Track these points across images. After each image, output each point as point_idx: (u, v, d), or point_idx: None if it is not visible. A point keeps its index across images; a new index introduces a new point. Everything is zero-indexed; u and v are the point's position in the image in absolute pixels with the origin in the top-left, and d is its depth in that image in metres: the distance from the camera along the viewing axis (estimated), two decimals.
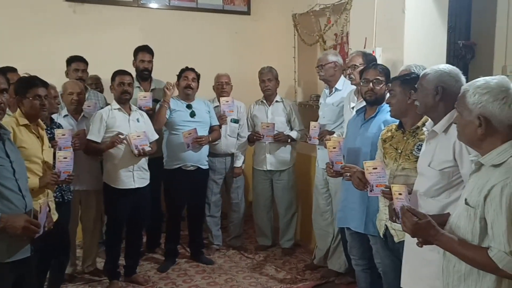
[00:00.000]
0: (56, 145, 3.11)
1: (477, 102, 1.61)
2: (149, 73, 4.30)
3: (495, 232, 1.53)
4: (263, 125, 4.23)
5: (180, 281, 3.89)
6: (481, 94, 1.61)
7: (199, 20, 5.20)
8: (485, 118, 1.61)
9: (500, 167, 1.57)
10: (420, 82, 2.14)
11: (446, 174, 2.03)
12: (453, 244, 1.63)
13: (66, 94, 3.65)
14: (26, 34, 4.35)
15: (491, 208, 1.53)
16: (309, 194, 4.26)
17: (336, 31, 4.41)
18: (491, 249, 1.53)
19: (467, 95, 1.65)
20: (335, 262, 3.90)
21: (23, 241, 2.18)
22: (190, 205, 4.22)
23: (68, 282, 3.77)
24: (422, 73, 2.17)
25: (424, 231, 1.68)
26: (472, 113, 1.63)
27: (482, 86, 1.62)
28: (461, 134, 1.72)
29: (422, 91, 2.12)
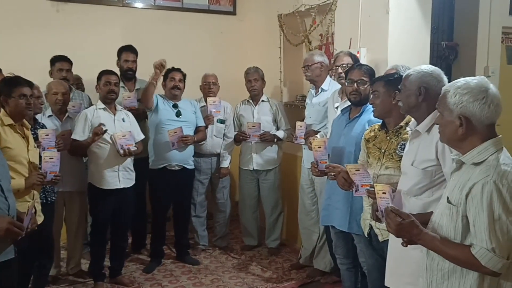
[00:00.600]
0: (40, 145, 3.08)
1: (458, 102, 1.64)
2: (133, 73, 4.28)
3: (477, 229, 1.55)
4: (249, 124, 4.24)
5: (166, 281, 3.87)
6: (462, 95, 1.63)
7: (184, 20, 5.18)
8: (465, 118, 1.63)
9: (481, 165, 1.60)
10: (403, 82, 2.17)
11: (428, 173, 2.06)
12: (436, 242, 1.66)
13: (51, 94, 3.61)
14: (8, 33, 4.29)
15: (473, 206, 1.56)
16: (295, 194, 4.27)
17: (321, 31, 4.42)
18: (473, 246, 1.56)
19: (448, 96, 1.67)
20: (321, 261, 3.92)
21: (5, 243, 2.15)
22: (176, 205, 4.21)
23: (52, 284, 3.73)
24: (405, 73, 2.20)
25: (408, 231, 1.71)
26: (453, 113, 1.65)
27: (463, 86, 1.65)
28: (442, 134, 1.75)
29: (405, 92, 2.15)
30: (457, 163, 1.71)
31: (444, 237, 1.66)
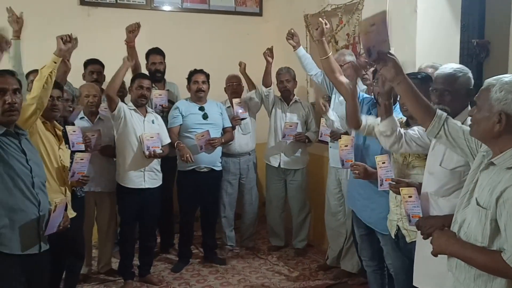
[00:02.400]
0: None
1: (502, 98, 1.57)
2: (162, 74, 4.35)
3: (508, 234, 1.50)
4: (286, 124, 4.21)
5: (193, 281, 3.92)
6: (508, 92, 1.56)
7: (211, 22, 5.23)
8: (506, 115, 1.56)
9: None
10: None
11: (457, 174, 2.02)
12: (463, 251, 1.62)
13: (82, 97, 3.71)
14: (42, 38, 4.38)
15: (504, 210, 1.51)
16: (321, 195, 4.25)
17: (348, 31, 4.39)
18: (504, 252, 1.51)
19: (492, 90, 1.60)
20: (348, 262, 3.90)
21: (33, 236, 2.24)
22: (203, 206, 4.25)
23: (83, 282, 3.82)
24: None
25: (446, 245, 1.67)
26: (493, 109, 1.58)
27: (511, 83, 1.58)
28: (476, 129, 1.68)
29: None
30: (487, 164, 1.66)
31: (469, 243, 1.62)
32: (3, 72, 2.33)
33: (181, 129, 4.03)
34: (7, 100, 2.20)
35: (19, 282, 2.21)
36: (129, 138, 3.61)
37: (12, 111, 2.22)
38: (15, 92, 2.25)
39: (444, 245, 1.66)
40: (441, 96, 2.10)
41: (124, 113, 3.60)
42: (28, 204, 2.22)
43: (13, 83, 2.26)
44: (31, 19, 4.41)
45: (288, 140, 4.24)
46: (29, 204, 2.22)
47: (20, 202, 2.19)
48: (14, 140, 2.27)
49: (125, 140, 3.61)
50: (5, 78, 2.25)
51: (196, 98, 4.08)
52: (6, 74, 2.31)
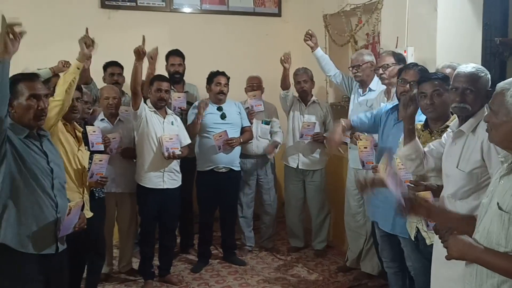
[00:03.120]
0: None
1: None
2: (181, 76, 4.38)
3: None
4: (304, 124, 4.20)
5: (212, 281, 3.94)
6: None
7: (230, 23, 5.25)
8: None
9: None
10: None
11: (474, 176, 1.98)
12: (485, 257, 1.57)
13: (103, 99, 3.76)
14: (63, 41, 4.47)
15: None
16: (341, 195, 4.22)
17: (367, 30, 4.36)
18: None
19: (507, 94, 1.56)
20: (368, 264, 3.86)
21: (50, 237, 2.27)
22: (222, 206, 4.26)
23: (104, 281, 3.87)
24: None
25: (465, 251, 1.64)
26: (510, 114, 1.54)
27: None
28: (494, 134, 1.64)
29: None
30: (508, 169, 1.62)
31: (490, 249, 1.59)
32: (33, 77, 2.35)
33: (200, 129, 4.05)
34: (40, 106, 2.25)
35: (37, 281, 2.25)
36: (148, 139, 3.64)
37: (42, 117, 2.28)
38: (45, 97, 2.30)
39: (463, 251, 1.62)
40: (463, 95, 2.07)
41: (145, 113, 3.64)
42: (47, 206, 2.25)
43: (43, 88, 2.31)
44: (53, 22, 4.53)
45: (306, 140, 4.22)
46: (48, 205, 2.26)
47: (40, 204, 2.23)
48: (36, 142, 2.31)
49: (145, 141, 3.65)
50: (35, 83, 2.28)
51: (216, 100, 4.10)
52: (36, 78, 2.34)
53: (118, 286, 3.87)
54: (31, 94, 2.23)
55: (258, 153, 4.39)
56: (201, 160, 4.07)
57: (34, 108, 2.23)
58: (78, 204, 2.35)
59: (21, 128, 2.24)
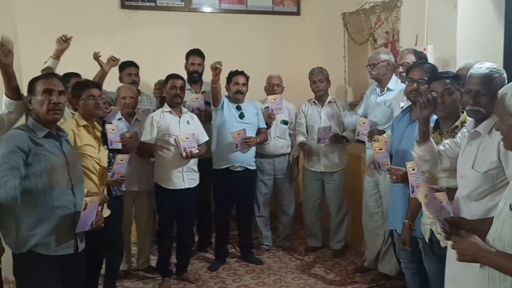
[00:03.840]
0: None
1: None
2: (199, 76, 4.40)
3: None
4: (320, 129, 4.15)
5: (229, 280, 3.95)
6: None
7: (248, 22, 5.25)
8: None
9: None
10: None
11: (490, 177, 1.94)
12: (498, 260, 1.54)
13: (120, 98, 3.81)
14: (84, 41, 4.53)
15: None
16: (359, 195, 4.18)
17: (386, 29, 4.31)
18: None
19: (506, 99, 1.55)
20: (386, 265, 3.82)
21: (68, 237, 2.31)
22: (238, 205, 4.27)
23: (123, 279, 3.92)
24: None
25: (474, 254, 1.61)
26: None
27: None
28: (505, 141, 1.61)
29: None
30: None
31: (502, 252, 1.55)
32: (51, 75, 2.46)
33: (217, 127, 4.06)
34: (53, 99, 2.29)
35: (55, 280, 2.29)
36: (166, 140, 3.67)
37: (56, 111, 2.32)
38: (61, 93, 2.35)
39: (474, 253, 1.58)
40: (476, 98, 2.03)
41: (157, 122, 3.68)
42: (65, 205, 2.29)
43: (59, 85, 2.36)
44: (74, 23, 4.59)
45: (323, 143, 4.19)
46: (66, 204, 2.29)
47: (58, 202, 2.27)
48: (55, 141, 2.35)
49: (162, 142, 3.68)
50: (52, 80, 2.36)
51: (235, 99, 4.10)
52: (53, 76, 2.44)
53: (136, 283, 3.92)
54: (44, 89, 2.29)
55: (275, 152, 4.38)
56: (217, 158, 4.08)
57: (47, 102, 2.28)
58: (95, 201, 2.36)
59: (41, 127, 2.30)
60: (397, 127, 2.92)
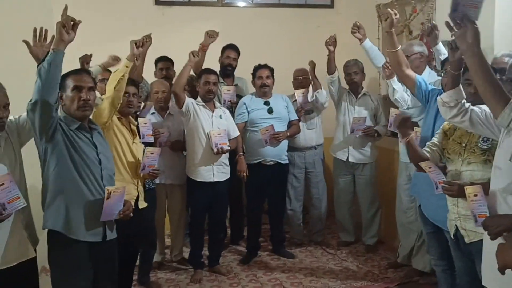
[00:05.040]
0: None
1: None
2: (232, 70, 4.44)
3: None
4: (354, 119, 4.14)
5: (260, 273, 3.97)
6: None
7: (281, 16, 5.25)
8: None
9: None
10: None
11: None
12: None
13: (153, 93, 3.88)
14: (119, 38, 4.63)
15: None
16: (393, 190, 4.11)
17: (422, 20, 4.20)
18: None
19: None
20: (420, 261, 3.74)
21: (97, 224, 2.38)
22: (270, 199, 4.28)
23: (157, 270, 4.00)
24: None
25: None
26: None
27: None
28: None
29: None
30: None
31: None
32: (80, 71, 2.52)
33: (247, 124, 4.09)
34: (82, 97, 2.36)
35: (86, 267, 2.36)
36: (198, 133, 3.70)
37: (85, 107, 2.38)
38: (90, 90, 2.41)
39: None
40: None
41: (193, 108, 3.71)
42: (96, 195, 2.36)
43: (88, 81, 2.41)
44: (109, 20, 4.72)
45: (357, 135, 4.15)
46: (97, 194, 2.36)
47: (88, 192, 2.34)
48: (87, 134, 2.43)
49: (194, 135, 3.72)
50: (81, 76, 2.41)
51: (261, 93, 4.11)
52: (83, 72, 2.49)
53: (169, 274, 3.99)
54: (74, 86, 2.35)
55: (306, 145, 4.36)
56: (249, 153, 4.10)
57: (77, 99, 2.34)
58: (119, 190, 2.40)
59: (73, 120, 2.37)
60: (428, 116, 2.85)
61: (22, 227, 2.33)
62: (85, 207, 2.33)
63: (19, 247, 2.31)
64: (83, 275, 2.35)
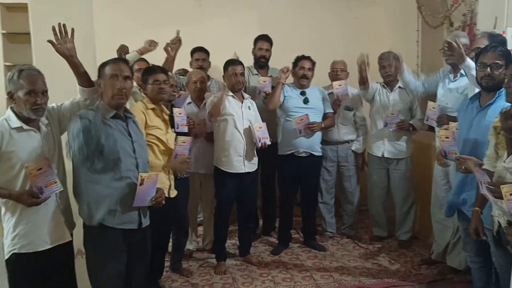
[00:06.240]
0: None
1: None
2: (266, 61, 4.42)
3: None
4: (388, 113, 4.08)
5: (291, 264, 3.97)
6: None
7: (318, 6, 5.18)
8: None
9: None
10: None
11: None
12: None
13: (190, 83, 3.92)
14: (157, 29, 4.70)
15: None
16: (428, 185, 4.03)
17: (463, 11, 4.09)
18: None
19: None
20: (455, 258, 3.65)
21: (132, 212, 2.43)
22: (302, 191, 4.27)
23: (189, 257, 4.06)
24: None
25: None
26: None
27: None
28: None
29: None
30: None
31: None
32: (118, 60, 2.55)
33: (282, 112, 4.07)
34: (117, 85, 2.40)
35: (120, 252, 2.43)
36: (229, 124, 3.69)
37: (121, 96, 2.42)
38: (126, 78, 2.44)
39: None
40: None
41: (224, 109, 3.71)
42: (130, 182, 2.40)
43: (125, 70, 2.44)
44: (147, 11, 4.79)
45: (390, 129, 4.08)
46: (130, 181, 2.40)
47: (123, 179, 2.38)
48: (122, 122, 2.47)
49: (225, 126, 3.70)
50: (119, 65, 2.44)
51: (300, 84, 4.09)
52: (120, 61, 2.52)
53: (201, 262, 4.03)
54: (111, 74, 2.40)
55: (339, 139, 4.32)
56: (282, 143, 4.08)
57: (113, 87, 2.39)
58: (152, 177, 2.43)
59: (109, 108, 2.42)
60: (465, 115, 2.76)
61: (60, 212, 2.41)
62: (121, 195, 2.38)
63: (56, 230, 2.38)
64: (117, 259, 2.42)
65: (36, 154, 2.29)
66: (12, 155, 2.24)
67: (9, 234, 2.27)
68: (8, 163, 2.24)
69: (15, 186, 2.26)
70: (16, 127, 2.28)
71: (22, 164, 2.23)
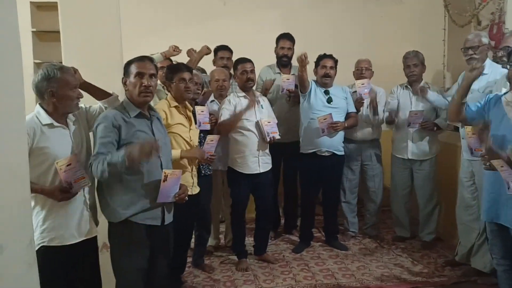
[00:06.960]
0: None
1: None
2: (289, 60, 4.41)
3: None
4: (411, 113, 4.03)
5: (312, 263, 3.97)
6: None
7: (343, 4, 5.16)
8: None
9: None
10: None
11: None
12: None
13: (213, 81, 3.95)
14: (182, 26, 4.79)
15: None
16: (453, 186, 3.97)
17: (492, 9, 4.02)
18: None
19: None
20: (479, 260, 3.60)
21: (156, 209, 2.47)
22: (325, 190, 4.26)
23: (211, 253, 4.11)
24: None
25: None
26: None
27: None
28: None
29: None
30: None
31: None
32: (144, 58, 2.57)
33: (305, 112, 4.06)
34: (144, 83, 2.44)
35: (143, 247, 2.47)
36: (243, 125, 3.68)
37: (146, 93, 2.46)
38: (151, 76, 2.48)
39: None
40: None
41: (234, 102, 3.69)
42: (154, 179, 2.43)
43: (150, 68, 2.49)
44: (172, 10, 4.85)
45: (414, 128, 4.04)
46: (154, 179, 2.43)
47: (147, 177, 2.42)
48: (147, 121, 2.51)
49: (239, 127, 3.69)
50: (144, 63, 2.48)
51: (322, 82, 4.08)
52: (146, 59, 2.55)
53: (222, 258, 4.08)
54: (137, 72, 2.44)
55: (362, 138, 4.30)
56: (305, 142, 4.08)
57: (139, 85, 2.43)
58: (175, 174, 2.46)
59: (133, 107, 2.46)
60: (494, 111, 2.72)
61: (87, 207, 2.46)
62: (145, 192, 2.42)
63: (84, 224, 2.43)
64: (141, 254, 2.46)
65: (66, 150, 2.35)
66: (43, 151, 2.29)
67: (38, 228, 2.33)
68: (39, 159, 2.29)
69: (46, 181, 2.31)
70: (47, 123, 2.33)
71: (53, 160, 2.28)
